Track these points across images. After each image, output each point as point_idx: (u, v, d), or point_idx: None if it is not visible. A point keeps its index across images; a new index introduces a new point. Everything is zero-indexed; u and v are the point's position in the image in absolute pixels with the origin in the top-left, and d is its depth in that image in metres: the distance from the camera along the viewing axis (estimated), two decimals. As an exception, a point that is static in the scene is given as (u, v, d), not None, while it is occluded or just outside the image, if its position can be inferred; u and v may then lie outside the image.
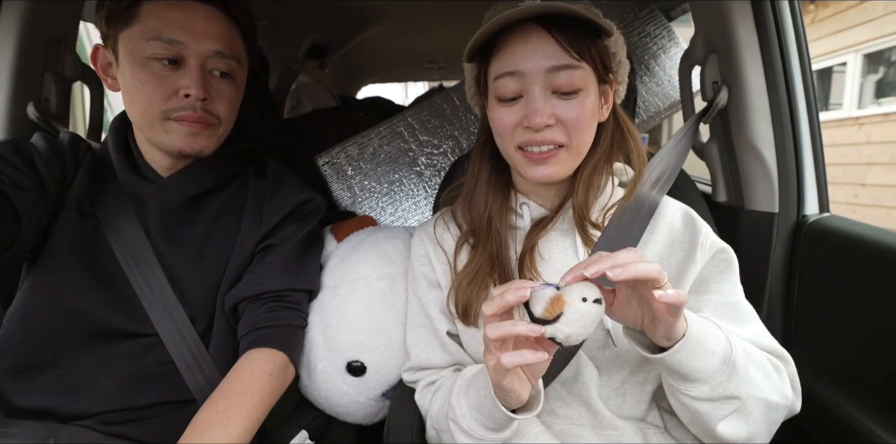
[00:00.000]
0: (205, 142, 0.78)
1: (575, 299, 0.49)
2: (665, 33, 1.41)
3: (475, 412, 0.62)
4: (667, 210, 0.74)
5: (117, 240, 0.78)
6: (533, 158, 0.66)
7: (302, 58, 2.23)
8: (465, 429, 0.63)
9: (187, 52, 0.74)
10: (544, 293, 0.50)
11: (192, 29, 0.73)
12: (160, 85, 0.73)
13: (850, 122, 4.42)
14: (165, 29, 0.72)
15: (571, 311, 0.49)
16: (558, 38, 0.62)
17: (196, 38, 0.73)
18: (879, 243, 0.76)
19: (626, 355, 0.67)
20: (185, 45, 0.73)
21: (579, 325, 0.49)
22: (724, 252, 0.70)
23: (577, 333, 0.50)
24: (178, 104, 0.74)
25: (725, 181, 1.03)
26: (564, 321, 0.49)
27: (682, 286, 0.68)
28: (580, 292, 0.49)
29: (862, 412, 0.74)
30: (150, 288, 0.77)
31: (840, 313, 0.83)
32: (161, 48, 0.72)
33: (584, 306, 0.49)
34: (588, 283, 0.50)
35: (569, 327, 0.49)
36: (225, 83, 0.78)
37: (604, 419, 0.66)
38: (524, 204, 0.74)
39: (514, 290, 0.50)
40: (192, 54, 0.74)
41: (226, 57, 0.76)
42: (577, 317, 0.49)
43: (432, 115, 1.35)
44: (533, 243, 0.71)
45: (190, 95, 0.74)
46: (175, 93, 0.74)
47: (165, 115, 0.75)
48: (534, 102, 0.63)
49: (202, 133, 0.77)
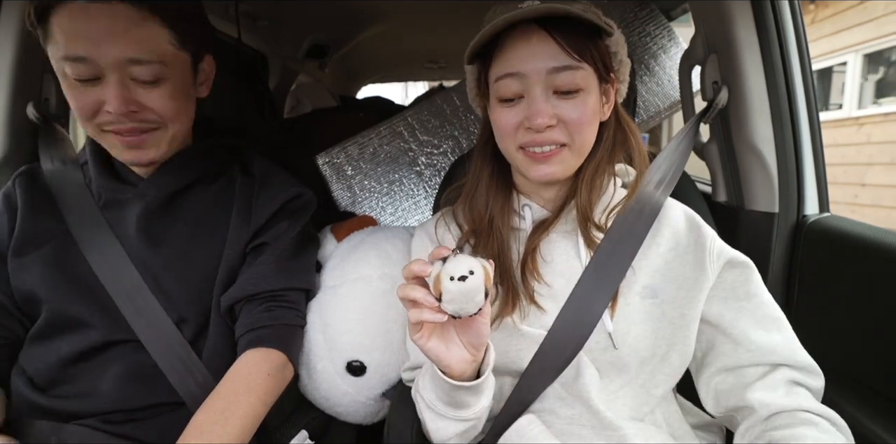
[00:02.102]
0: (154, 150, 0.75)
1: (445, 279, 0.51)
2: (665, 33, 1.41)
3: (432, 383, 0.64)
4: (670, 213, 0.74)
5: (90, 251, 0.77)
6: (535, 157, 0.66)
7: (302, 58, 2.23)
8: (427, 402, 0.65)
9: (98, 67, 0.67)
10: (431, 272, 0.53)
11: (96, 39, 0.66)
12: (83, 101, 0.69)
13: (850, 122, 4.41)
14: (70, 45, 0.66)
15: (446, 290, 0.51)
16: (558, 40, 0.63)
17: (101, 49, 0.66)
18: (879, 243, 0.76)
19: (628, 357, 0.67)
20: (92, 61, 0.66)
21: (458, 302, 0.51)
22: (737, 257, 0.70)
23: (460, 308, 0.52)
24: (106, 119, 0.70)
25: (725, 181, 1.03)
26: (447, 299, 0.51)
27: (694, 294, 0.68)
28: (448, 270, 0.51)
29: (862, 412, 0.74)
30: (130, 298, 0.76)
31: (840, 313, 0.83)
32: (70, 68, 0.67)
33: (453, 286, 0.50)
34: (463, 256, 0.52)
35: (451, 305, 0.52)
36: (154, 87, 0.71)
37: (604, 419, 0.66)
38: (526, 206, 0.74)
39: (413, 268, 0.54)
40: (105, 67, 0.67)
41: (143, 62, 0.68)
42: (452, 296, 0.51)
43: (432, 115, 1.35)
44: (535, 245, 0.71)
45: (110, 111, 0.69)
46: (101, 107, 0.69)
47: (100, 128, 0.72)
48: (535, 103, 0.64)
49: (146, 141, 0.73)
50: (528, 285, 0.69)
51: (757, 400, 0.63)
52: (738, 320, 0.67)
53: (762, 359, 0.65)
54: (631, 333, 0.67)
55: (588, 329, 0.66)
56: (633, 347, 0.67)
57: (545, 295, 0.70)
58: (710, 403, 0.70)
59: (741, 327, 0.67)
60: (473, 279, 0.51)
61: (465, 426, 0.65)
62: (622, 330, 0.67)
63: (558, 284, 0.70)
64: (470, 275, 0.51)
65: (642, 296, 0.69)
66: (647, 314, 0.68)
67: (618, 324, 0.67)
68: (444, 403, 0.64)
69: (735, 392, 0.66)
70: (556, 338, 0.67)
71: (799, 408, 0.61)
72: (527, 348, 0.68)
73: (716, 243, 0.70)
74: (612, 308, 0.67)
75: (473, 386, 0.61)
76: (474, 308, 0.53)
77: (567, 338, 0.67)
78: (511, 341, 0.69)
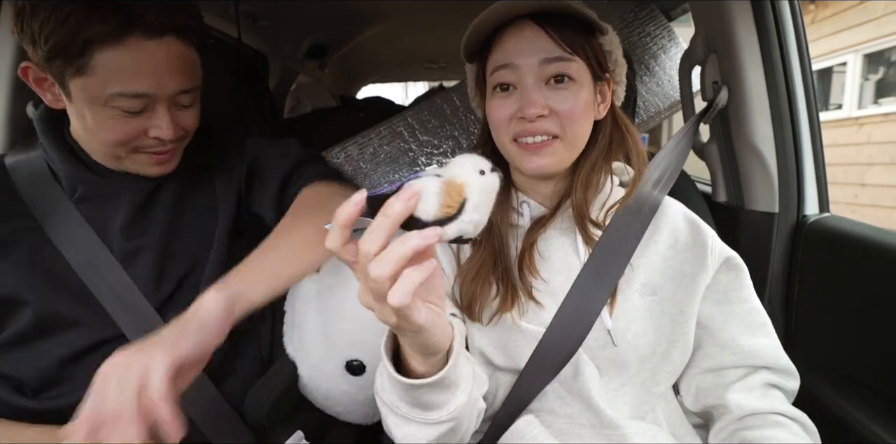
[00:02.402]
0: (175, 160, 0.76)
1: (472, 177, 0.40)
2: (665, 33, 1.41)
3: (390, 383, 0.54)
4: (669, 211, 0.74)
5: (67, 248, 0.74)
6: (527, 149, 0.67)
7: (302, 58, 2.23)
8: (389, 405, 0.56)
9: (154, 100, 0.68)
10: (428, 187, 0.40)
11: (156, 75, 0.67)
12: (127, 131, 0.69)
13: (850, 122, 4.42)
14: (129, 82, 0.65)
15: (475, 192, 0.40)
16: (551, 33, 0.64)
17: (161, 83, 0.67)
18: (879, 243, 0.76)
19: (627, 355, 0.67)
20: (152, 95, 0.67)
21: (486, 205, 0.41)
22: (734, 258, 0.71)
23: (486, 214, 0.42)
24: (147, 143, 0.71)
25: (725, 181, 1.03)
26: (472, 206, 0.40)
27: (693, 291, 0.69)
28: (473, 164, 0.41)
29: (862, 412, 0.74)
30: (115, 294, 0.74)
31: (840, 313, 0.83)
32: (126, 102, 0.66)
33: (485, 180, 0.41)
34: (469, 154, 0.43)
35: (478, 214, 0.41)
36: (190, 109, 0.74)
37: (604, 418, 0.66)
38: (524, 203, 0.74)
39: (400, 201, 0.39)
40: (160, 100, 0.69)
41: (190, 90, 0.71)
42: (483, 197, 0.40)
43: (432, 115, 1.35)
44: (532, 241, 0.71)
45: (161, 138, 0.70)
46: (144, 133, 0.70)
47: (135, 151, 0.71)
48: (527, 93, 0.65)
49: (174, 154, 0.75)
50: (526, 280, 0.70)
51: (733, 401, 0.66)
52: (728, 325, 0.69)
53: (744, 362, 0.68)
54: (630, 330, 0.67)
55: (587, 326, 0.67)
56: (632, 344, 0.67)
57: (543, 291, 0.70)
58: (689, 399, 0.72)
59: (730, 331, 0.69)
60: (496, 176, 0.42)
61: (438, 430, 0.55)
62: (621, 327, 0.67)
63: (556, 280, 0.71)
64: None
65: (641, 293, 0.69)
66: (646, 312, 0.68)
67: (617, 321, 0.68)
68: (407, 404, 0.54)
69: (713, 391, 0.69)
70: (555, 335, 0.67)
71: (772, 411, 0.65)
72: (525, 344, 0.68)
73: (716, 242, 0.71)
74: (611, 305, 0.68)
75: (439, 380, 0.50)
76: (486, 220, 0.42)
77: (566, 335, 0.67)
78: (510, 337, 0.69)
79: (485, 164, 0.41)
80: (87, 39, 0.62)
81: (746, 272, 0.71)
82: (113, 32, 0.63)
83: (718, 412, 0.68)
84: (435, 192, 0.39)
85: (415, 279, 0.39)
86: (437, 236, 0.38)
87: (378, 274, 0.38)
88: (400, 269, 0.38)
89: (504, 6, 0.63)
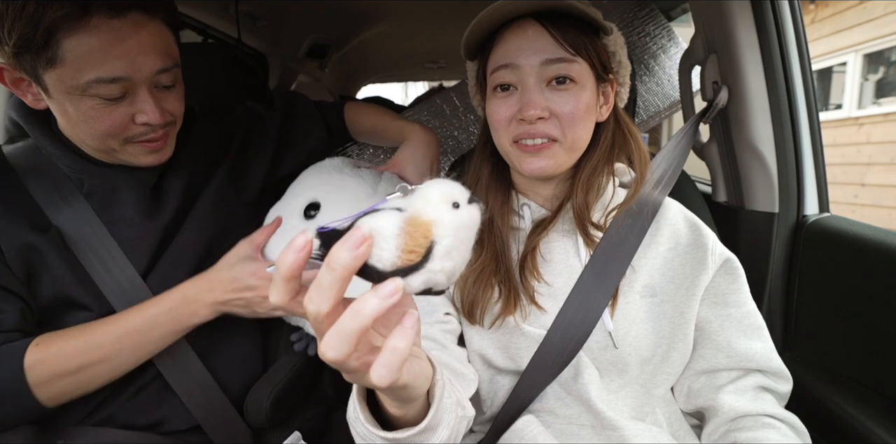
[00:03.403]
0: (170, 147, 0.75)
1: (443, 213, 0.30)
2: (665, 33, 1.41)
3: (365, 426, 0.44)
4: (669, 213, 0.74)
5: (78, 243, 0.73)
6: (526, 151, 0.67)
7: (302, 58, 2.23)
8: (361, 435, 0.46)
9: (133, 83, 0.66)
10: (383, 227, 0.30)
11: (129, 55, 0.64)
12: (112, 120, 0.67)
13: (850, 122, 4.41)
14: (103, 67, 0.63)
15: (446, 233, 0.30)
16: (553, 33, 0.63)
17: (135, 64, 0.65)
18: (879, 243, 0.76)
19: (628, 357, 0.67)
20: (129, 78, 0.65)
21: (463, 249, 0.31)
22: (733, 261, 0.71)
23: (462, 261, 0.32)
24: (137, 131, 0.69)
25: (725, 181, 1.03)
26: (443, 252, 0.30)
27: (693, 292, 0.69)
28: (444, 195, 0.31)
29: (862, 412, 0.74)
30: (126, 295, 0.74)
31: (840, 313, 0.83)
32: (104, 89, 0.64)
33: (460, 216, 0.31)
34: (440, 180, 0.32)
35: (451, 260, 0.31)
36: (172, 90, 0.72)
37: (604, 419, 0.66)
38: (525, 205, 0.74)
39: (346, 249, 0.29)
40: (139, 82, 0.66)
41: (168, 69, 0.69)
42: (457, 239, 0.31)
43: (432, 115, 1.35)
44: (534, 245, 0.71)
45: (149, 123, 0.68)
46: (131, 120, 0.68)
47: (126, 141, 0.70)
48: (528, 93, 0.64)
49: (167, 142, 0.74)
50: (528, 284, 0.69)
51: (726, 403, 0.66)
52: (724, 328, 0.69)
53: (738, 365, 0.68)
54: (631, 332, 0.67)
55: (588, 328, 0.67)
56: (633, 346, 0.67)
57: (545, 294, 0.70)
58: (681, 399, 0.72)
59: (725, 335, 0.69)
60: (475, 208, 0.32)
61: None
62: (622, 329, 0.67)
63: (558, 283, 0.70)
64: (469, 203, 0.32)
65: (642, 295, 0.69)
66: (647, 313, 0.68)
67: (618, 323, 0.67)
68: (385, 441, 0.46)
69: (705, 393, 0.69)
70: (556, 337, 0.67)
71: (763, 413, 0.65)
72: (527, 347, 0.68)
73: (717, 244, 0.71)
74: (612, 307, 0.68)
75: (420, 431, 0.44)
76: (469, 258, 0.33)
77: (567, 337, 0.67)
78: (511, 339, 0.69)
79: (460, 194, 0.31)
80: (48, 27, 0.60)
81: (743, 275, 0.71)
82: (73, 14, 0.60)
83: (710, 414, 0.69)
84: (393, 233, 0.30)
85: (401, 352, 0.31)
86: (397, 293, 0.30)
87: (336, 356, 0.30)
88: (359, 341, 0.30)
89: (506, 5, 0.62)
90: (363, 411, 0.44)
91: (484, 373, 0.71)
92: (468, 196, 0.32)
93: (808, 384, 0.82)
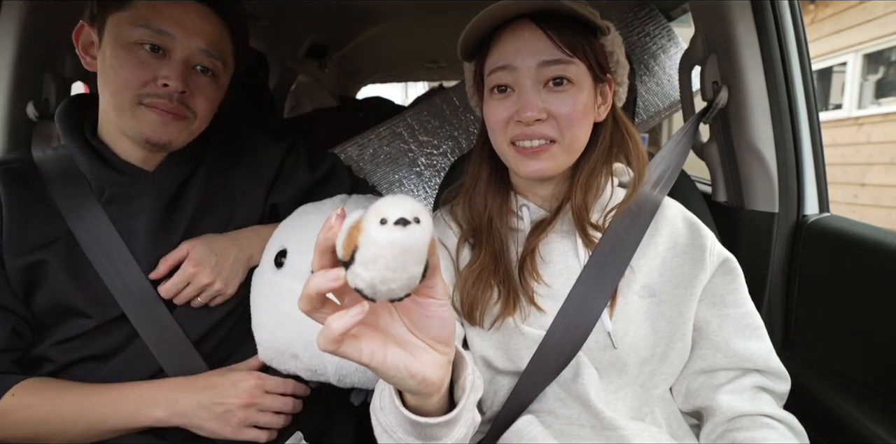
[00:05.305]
0: (175, 134, 0.76)
1: (370, 225, 0.31)
2: (665, 33, 1.41)
3: (393, 413, 0.50)
4: (668, 212, 0.74)
5: (91, 250, 0.75)
6: (524, 153, 0.66)
7: (302, 58, 2.23)
8: (385, 427, 0.51)
9: (174, 45, 0.73)
10: (348, 219, 0.34)
11: (184, 24, 0.73)
12: (139, 69, 0.72)
13: (849, 122, 4.42)
14: (157, 19, 0.72)
15: (366, 243, 0.31)
16: (550, 35, 0.63)
17: (186, 33, 0.73)
18: (879, 243, 0.76)
19: (627, 357, 0.67)
20: (174, 38, 0.72)
21: (383, 268, 0.31)
22: (731, 261, 0.71)
23: (384, 280, 0.32)
24: (153, 91, 0.72)
25: (725, 181, 1.03)
26: (360, 261, 0.31)
27: (692, 292, 0.69)
28: (379, 210, 0.31)
29: (862, 412, 0.74)
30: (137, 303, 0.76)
31: (840, 313, 0.83)
32: (148, 35, 0.71)
33: (382, 234, 0.30)
34: (403, 196, 0.32)
35: (368, 271, 0.31)
36: (207, 80, 0.77)
37: (604, 419, 0.66)
38: (524, 206, 0.74)
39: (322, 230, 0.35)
40: (179, 48, 0.73)
41: (212, 56, 0.76)
42: (375, 252, 0.31)
43: (432, 115, 1.35)
44: (534, 246, 0.71)
45: (168, 86, 0.72)
46: (153, 80, 0.72)
47: (138, 99, 0.72)
48: (525, 95, 0.64)
49: (173, 125, 0.75)
50: (528, 285, 0.69)
51: (724, 403, 0.66)
52: (723, 329, 0.69)
53: (736, 365, 0.68)
54: (630, 332, 0.67)
55: (587, 329, 0.67)
56: (632, 346, 0.67)
57: (545, 295, 0.70)
58: (680, 399, 0.72)
59: (724, 335, 0.69)
60: (417, 230, 0.31)
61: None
62: (621, 330, 0.67)
63: (557, 284, 0.70)
64: (414, 222, 0.31)
65: (641, 295, 0.69)
66: (646, 314, 0.68)
67: (617, 323, 0.67)
68: (405, 431, 0.50)
69: (703, 392, 0.69)
70: (556, 338, 0.67)
71: (761, 413, 0.65)
72: (526, 347, 0.68)
73: (715, 244, 0.71)
74: (611, 308, 0.68)
75: (450, 420, 0.48)
76: (405, 285, 0.33)
77: (566, 338, 0.67)
78: (511, 340, 0.69)
79: (396, 211, 0.30)
80: None
81: (741, 275, 0.71)
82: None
83: (708, 414, 0.69)
84: (346, 227, 0.33)
85: (333, 329, 0.35)
86: (336, 281, 0.33)
87: (302, 308, 0.37)
88: (312, 308, 0.36)
89: (503, 6, 0.62)
90: (397, 397, 0.49)
91: (484, 374, 0.71)
92: (411, 216, 0.31)
93: (808, 384, 0.82)
